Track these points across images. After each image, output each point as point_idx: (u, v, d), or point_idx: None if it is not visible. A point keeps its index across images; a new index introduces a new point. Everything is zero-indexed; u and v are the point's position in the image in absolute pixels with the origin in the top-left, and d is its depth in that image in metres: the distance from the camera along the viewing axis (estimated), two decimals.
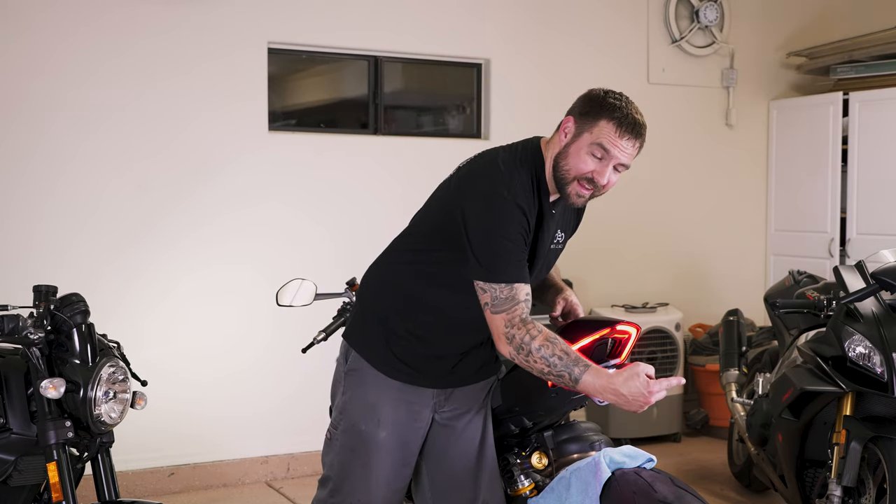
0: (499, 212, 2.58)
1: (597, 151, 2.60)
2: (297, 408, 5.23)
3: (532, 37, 6.02)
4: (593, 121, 2.61)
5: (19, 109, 4.75)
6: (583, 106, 2.66)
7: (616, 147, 2.60)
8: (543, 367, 2.53)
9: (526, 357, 2.54)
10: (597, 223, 6.25)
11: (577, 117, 2.65)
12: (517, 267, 2.59)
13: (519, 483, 2.99)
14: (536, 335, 2.54)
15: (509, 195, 2.58)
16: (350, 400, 2.80)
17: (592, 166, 2.62)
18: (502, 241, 2.57)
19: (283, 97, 5.57)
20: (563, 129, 2.67)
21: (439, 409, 2.82)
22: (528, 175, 2.66)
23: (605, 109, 2.61)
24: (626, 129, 2.60)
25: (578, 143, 2.62)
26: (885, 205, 6.10)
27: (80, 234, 4.86)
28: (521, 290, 2.58)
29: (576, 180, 2.63)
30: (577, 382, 2.51)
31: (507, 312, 2.56)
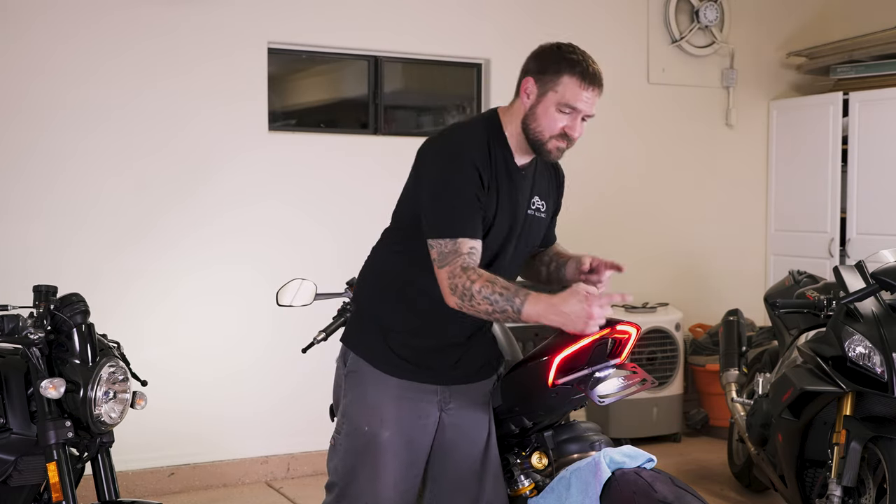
0: (447, 168, 2.62)
1: (565, 108, 2.65)
2: (297, 408, 5.23)
3: (532, 37, 5.94)
4: (555, 78, 2.65)
5: (20, 109, 4.75)
6: (539, 64, 2.69)
7: (581, 101, 2.65)
8: (487, 307, 2.53)
9: (470, 302, 2.54)
10: (597, 223, 6.28)
11: (536, 77, 2.68)
12: (463, 221, 2.59)
13: (519, 483, 2.99)
14: (476, 279, 2.54)
15: (458, 150, 2.64)
16: (351, 402, 2.79)
17: (564, 122, 2.67)
18: (450, 196, 2.60)
19: (283, 97, 5.57)
20: (524, 92, 2.70)
21: (445, 408, 2.81)
22: (481, 134, 2.69)
23: (564, 65, 2.65)
24: (588, 82, 2.65)
25: (545, 103, 2.66)
26: (885, 205, 6.10)
27: (80, 233, 4.86)
28: (464, 244, 2.58)
29: (552, 138, 2.68)
30: (521, 312, 2.51)
31: (449, 265, 2.57)
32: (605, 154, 6.27)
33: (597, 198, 6.26)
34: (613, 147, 6.28)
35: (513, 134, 2.73)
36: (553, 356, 2.71)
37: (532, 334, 5.69)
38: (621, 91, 6.30)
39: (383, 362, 2.76)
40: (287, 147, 5.33)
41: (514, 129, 2.73)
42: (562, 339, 2.76)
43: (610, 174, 6.30)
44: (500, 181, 2.69)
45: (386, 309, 2.79)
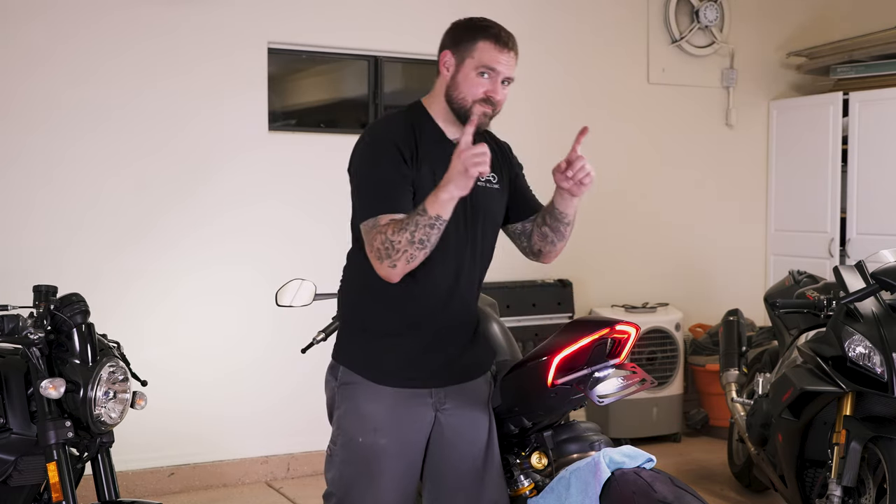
0: (366, 155, 2.71)
1: (483, 71, 2.70)
2: (297, 408, 5.23)
3: (532, 37, 6.01)
4: (471, 45, 2.72)
5: (19, 108, 4.75)
6: (454, 36, 2.77)
7: (499, 63, 2.71)
8: (405, 235, 2.53)
9: (396, 252, 2.55)
10: (597, 223, 6.28)
11: (452, 49, 2.75)
12: (383, 199, 2.62)
13: (519, 483, 2.99)
14: (385, 227, 2.57)
15: (375, 136, 2.72)
16: (345, 414, 2.78)
17: (485, 86, 2.71)
18: (371, 179, 2.66)
19: (283, 97, 5.57)
20: (443, 65, 2.77)
21: (440, 407, 2.81)
22: (400, 117, 2.78)
23: (478, 31, 2.73)
24: (503, 44, 2.72)
25: (464, 70, 2.72)
26: (885, 205, 6.10)
27: (80, 233, 4.86)
28: (383, 218, 2.61)
29: (475, 104, 2.72)
30: (427, 212, 2.53)
31: (369, 241, 2.60)
32: (605, 154, 6.26)
33: (597, 197, 6.23)
34: (613, 147, 6.28)
35: (439, 111, 2.78)
36: (552, 356, 2.72)
37: (532, 334, 5.69)
38: (621, 91, 6.31)
39: (374, 372, 2.76)
40: (287, 147, 5.33)
41: (439, 106, 2.78)
42: (562, 338, 2.76)
43: (610, 174, 6.28)
44: (432, 154, 2.72)
45: (367, 317, 2.79)
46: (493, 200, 2.88)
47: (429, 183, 2.66)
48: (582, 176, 2.79)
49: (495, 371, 3.08)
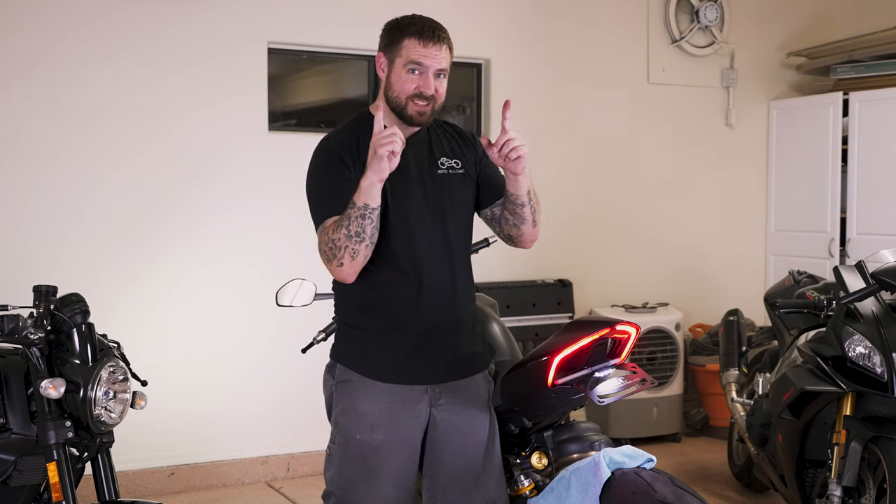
0: (312, 167, 2.80)
1: (411, 68, 2.74)
2: (297, 407, 5.23)
3: (532, 37, 6.02)
4: (398, 44, 2.77)
5: (19, 108, 4.75)
6: (384, 38, 2.83)
7: (426, 57, 2.74)
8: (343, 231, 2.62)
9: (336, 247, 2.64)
10: (597, 223, 6.28)
11: (384, 50, 2.81)
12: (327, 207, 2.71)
13: (519, 483, 3.00)
14: (327, 228, 2.67)
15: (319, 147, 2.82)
16: (342, 412, 2.80)
17: (414, 82, 2.74)
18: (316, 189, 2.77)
19: (283, 97, 5.57)
20: (379, 69, 2.83)
21: (435, 403, 2.82)
22: (344, 126, 2.87)
23: (402, 30, 2.78)
24: (427, 38, 2.76)
25: (395, 70, 2.77)
26: (885, 205, 6.10)
27: (80, 233, 4.86)
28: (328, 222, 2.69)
29: (409, 100, 2.76)
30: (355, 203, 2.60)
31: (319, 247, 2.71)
32: (605, 154, 6.27)
33: (597, 197, 6.26)
34: (613, 147, 6.28)
35: (385, 113, 2.81)
36: (553, 356, 2.72)
37: (532, 334, 5.70)
38: (621, 91, 6.31)
39: (370, 369, 2.78)
40: (287, 147, 5.32)
41: (385, 108, 2.81)
42: (562, 339, 2.76)
43: (610, 174, 6.30)
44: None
45: (360, 315, 2.81)
46: (457, 186, 2.89)
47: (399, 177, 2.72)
48: (507, 151, 2.78)
49: (495, 371, 3.08)
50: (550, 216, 6.00)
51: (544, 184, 6.02)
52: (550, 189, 6.07)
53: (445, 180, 2.85)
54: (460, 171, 2.89)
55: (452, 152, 2.91)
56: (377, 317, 2.78)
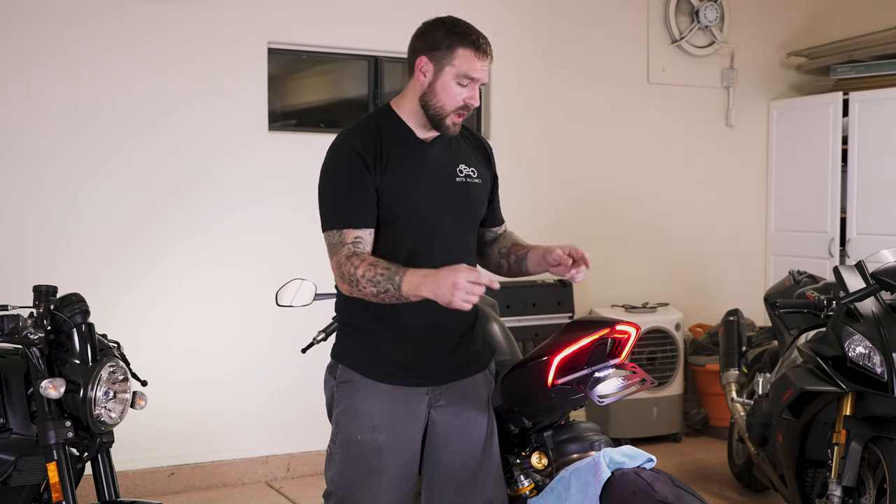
0: (330, 162, 2.76)
1: (463, 81, 2.71)
2: (297, 407, 5.23)
3: (532, 37, 6.02)
4: (449, 52, 2.72)
5: (19, 107, 4.75)
6: (430, 41, 2.75)
7: (478, 70, 2.72)
8: (372, 289, 2.60)
9: (357, 287, 2.62)
10: (597, 223, 6.28)
11: (429, 54, 2.74)
12: (347, 212, 2.68)
13: (519, 483, 2.99)
14: (360, 264, 2.62)
15: (340, 142, 2.76)
16: (343, 412, 2.80)
17: (463, 95, 2.73)
18: (334, 189, 2.71)
19: (283, 97, 5.57)
20: (419, 71, 2.76)
21: (434, 405, 2.82)
22: (366, 122, 2.79)
23: (457, 38, 2.72)
24: (482, 52, 2.73)
25: (443, 78, 2.72)
26: (885, 205, 6.10)
27: (80, 233, 4.86)
28: (349, 234, 2.68)
29: (452, 112, 2.74)
30: (400, 288, 2.56)
31: (336, 255, 2.68)
32: (605, 154, 6.27)
33: (597, 197, 6.26)
34: (613, 147, 6.28)
35: (410, 113, 2.79)
36: (553, 356, 2.72)
37: (532, 334, 5.69)
38: (621, 91, 6.31)
39: (372, 370, 2.78)
40: (287, 147, 5.32)
41: (411, 108, 2.79)
42: (562, 338, 2.76)
43: (610, 174, 6.30)
44: (400, 156, 2.74)
45: (362, 316, 2.80)
46: (472, 194, 2.88)
47: (395, 185, 2.71)
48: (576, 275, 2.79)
49: (495, 371, 3.07)
50: (550, 216, 6.03)
51: (544, 184, 6.06)
52: (550, 189, 6.07)
53: (462, 188, 2.84)
54: (477, 181, 2.88)
55: (471, 160, 2.89)
56: (381, 318, 2.77)
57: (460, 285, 2.48)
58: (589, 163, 6.22)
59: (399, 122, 2.80)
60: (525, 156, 5.97)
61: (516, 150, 5.91)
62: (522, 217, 5.85)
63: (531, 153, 6.01)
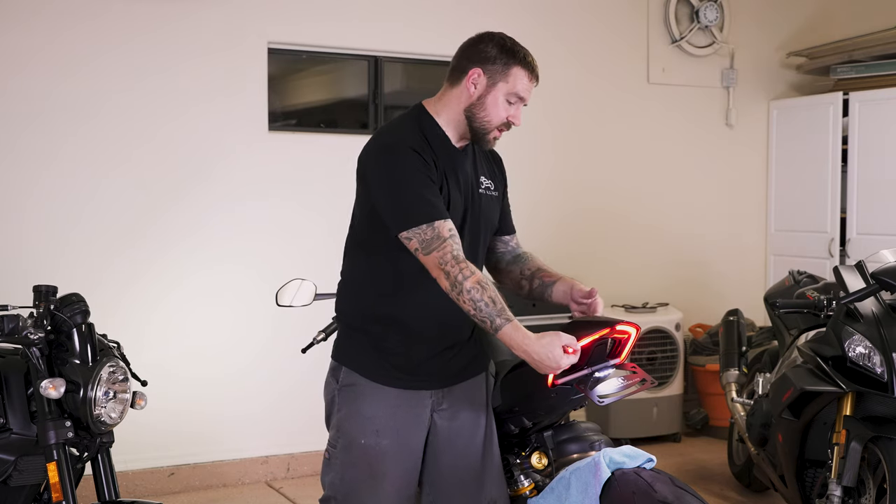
0: (392, 161, 2.65)
1: (512, 98, 2.74)
2: (297, 407, 5.23)
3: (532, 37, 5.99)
4: (505, 69, 2.72)
5: (18, 107, 4.75)
6: (484, 54, 2.74)
7: (527, 91, 2.78)
8: (471, 308, 2.57)
9: (458, 294, 2.57)
10: (597, 223, 6.28)
11: (484, 67, 2.72)
12: (430, 205, 2.60)
13: (519, 483, 2.99)
14: (469, 275, 2.56)
15: (392, 141, 2.69)
16: (346, 416, 2.78)
17: (509, 112, 2.75)
18: (406, 186, 2.62)
19: (283, 97, 5.57)
20: (470, 82, 2.73)
21: (437, 409, 2.81)
22: (411, 123, 2.76)
23: (512, 57, 2.73)
24: (534, 75, 2.78)
25: (494, 93, 2.72)
26: (885, 205, 6.10)
27: (80, 233, 4.86)
28: (443, 227, 2.59)
29: (495, 128, 2.75)
30: (498, 331, 2.56)
31: (437, 250, 2.58)
32: (605, 154, 6.27)
33: (597, 197, 6.26)
34: (613, 147, 6.28)
35: (449, 121, 2.77)
36: None
37: None
38: (621, 91, 6.31)
39: (377, 374, 2.76)
40: (287, 147, 5.33)
41: (451, 116, 2.76)
42: None
43: (610, 174, 6.30)
44: (443, 162, 2.72)
45: (368, 316, 2.78)
46: (491, 207, 2.90)
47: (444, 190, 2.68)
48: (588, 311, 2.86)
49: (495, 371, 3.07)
50: (551, 216, 6.04)
51: (544, 184, 6.05)
52: (551, 189, 6.07)
53: (484, 200, 2.84)
54: (494, 193, 2.89)
55: (490, 173, 2.90)
56: (384, 321, 2.76)
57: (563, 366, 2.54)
58: (589, 163, 6.22)
59: (437, 127, 2.77)
60: (525, 156, 5.97)
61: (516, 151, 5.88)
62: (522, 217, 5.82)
63: (531, 153, 6.00)
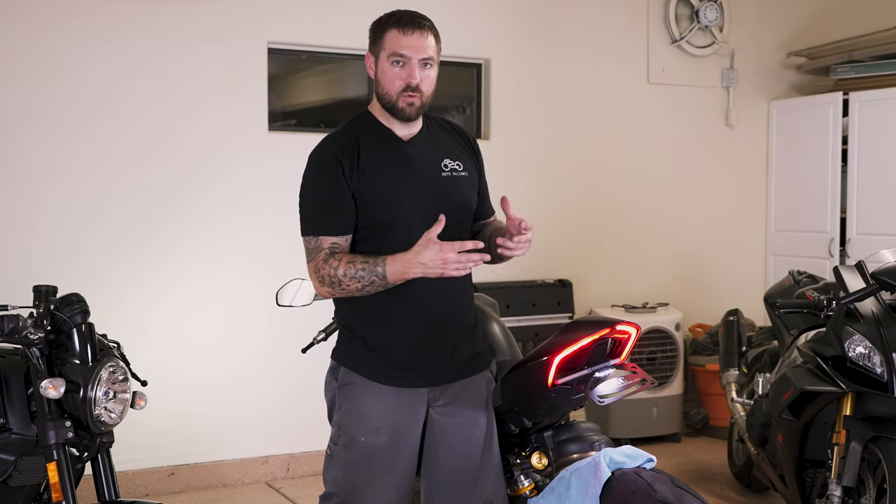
0: (309, 170, 2.80)
1: (396, 59, 2.75)
2: (297, 408, 5.23)
3: (532, 37, 6.02)
4: (381, 38, 2.79)
5: (17, 108, 4.75)
6: (370, 37, 2.86)
7: (408, 47, 2.74)
8: (356, 284, 2.66)
9: (340, 287, 2.67)
10: (597, 223, 6.28)
11: (371, 49, 2.84)
12: (323, 220, 2.73)
13: (519, 483, 3.00)
14: (338, 264, 2.67)
15: (318, 150, 2.81)
16: (346, 414, 2.80)
17: (400, 76, 2.75)
18: (310, 195, 2.77)
19: (283, 97, 5.57)
20: (368, 68, 2.85)
21: (433, 404, 2.83)
22: (344, 128, 2.86)
23: (384, 24, 2.80)
24: (406, 26, 2.75)
25: (381, 65, 2.80)
26: (885, 205, 6.10)
27: (80, 233, 4.86)
28: (325, 241, 2.73)
29: (399, 96, 2.76)
30: (385, 277, 2.63)
31: (314, 260, 2.72)
32: (605, 154, 6.27)
33: (597, 197, 6.25)
34: (613, 147, 6.28)
35: (381, 113, 2.84)
36: (553, 356, 2.72)
37: (532, 334, 5.69)
38: (621, 91, 6.31)
39: (374, 372, 2.78)
40: (287, 147, 5.32)
41: (379, 109, 2.84)
42: (562, 339, 2.76)
43: (610, 174, 6.30)
44: (379, 158, 2.77)
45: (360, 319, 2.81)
46: (460, 187, 2.88)
47: (376, 188, 2.73)
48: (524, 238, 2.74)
49: (495, 371, 3.08)
50: (551, 216, 6.03)
51: (544, 184, 6.05)
52: (550, 189, 6.07)
53: (449, 182, 2.84)
54: (463, 174, 2.88)
55: (455, 154, 2.89)
56: (379, 320, 2.77)
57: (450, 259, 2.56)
58: (589, 163, 6.22)
59: (376, 123, 2.83)
60: (524, 156, 5.97)
61: (515, 151, 5.92)
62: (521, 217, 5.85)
63: (531, 153, 6.01)
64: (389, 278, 2.63)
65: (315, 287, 2.77)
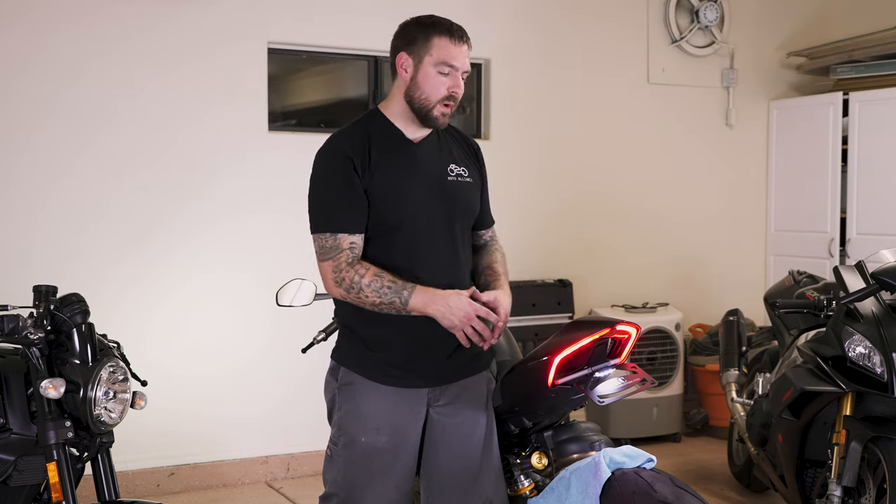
0: (320, 166, 2.77)
1: (443, 69, 2.72)
2: (297, 408, 5.23)
3: (532, 37, 6.02)
4: (425, 43, 2.73)
5: (17, 107, 4.75)
6: (406, 36, 2.77)
7: (456, 57, 2.73)
8: (375, 298, 2.64)
9: (358, 294, 2.66)
10: (597, 223, 6.28)
11: (407, 49, 2.75)
12: (340, 216, 2.70)
13: (519, 483, 3.00)
14: (365, 272, 2.65)
15: (329, 146, 2.77)
16: (346, 414, 2.80)
17: (445, 84, 2.73)
18: (324, 192, 2.73)
19: (283, 97, 5.57)
20: (400, 67, 2.77)
21: (434, 404, 2.83)
22: (355, 126, 2.80)
23: (430, 28, 2.74)
24: (457, 37, 2.74)
25: (424, 70, 2.73)
26: (885, 205, 6.10)
27: (80, 234, 4.86)
28: (344, 240, 2.69)
29: (437, 104, 2.74)
30: (408, 303, 2.63)
31: (332, 260, 2.69)
32: (605, 154, 6.27)
33: (597, 197, 6.25)
34: (613, 147, 6.28)
35: (398, 114, 2.80)
36: (553, 356, 2.72)
37: (532, 334, 5.69)
38: (621, 91, 6.31)
39: (373, 373, 2.78)
40: (287, 147, 5.32)
41: (398, 109, 2.80)
42: (562, 339, 2.76)
43: (609, 174, 6.30)
44: (389, 157, 2.75)
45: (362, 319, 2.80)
46: (466, 192, 2.89)
47: (385, 187, 2.72)
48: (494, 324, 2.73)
49: (495, 371, 3.08)
50: (551, 216, 6.04)
51: (544, 184, 6.05)
52: (550, 189, 6.07)
53: (454, 187, 2.84)
54: (468, 180, 2.89)
55: (461, 160, 2.90)
56: (379, 320, 2.77)
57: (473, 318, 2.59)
58: (589, 163, 6.22)
59: (387, 123, 2.81)
60: (524, 156, 5.97)
61: (516, 151, 5.91)
62: (521, 217, 5.86)
63: (531, 154, 6.01)
64: (411, 305, 2.63)
65: (327, 286, 2.73)
